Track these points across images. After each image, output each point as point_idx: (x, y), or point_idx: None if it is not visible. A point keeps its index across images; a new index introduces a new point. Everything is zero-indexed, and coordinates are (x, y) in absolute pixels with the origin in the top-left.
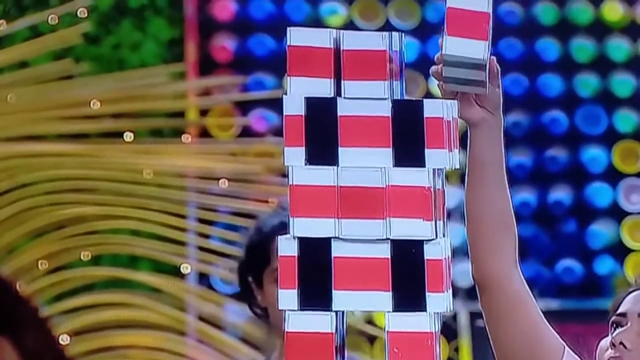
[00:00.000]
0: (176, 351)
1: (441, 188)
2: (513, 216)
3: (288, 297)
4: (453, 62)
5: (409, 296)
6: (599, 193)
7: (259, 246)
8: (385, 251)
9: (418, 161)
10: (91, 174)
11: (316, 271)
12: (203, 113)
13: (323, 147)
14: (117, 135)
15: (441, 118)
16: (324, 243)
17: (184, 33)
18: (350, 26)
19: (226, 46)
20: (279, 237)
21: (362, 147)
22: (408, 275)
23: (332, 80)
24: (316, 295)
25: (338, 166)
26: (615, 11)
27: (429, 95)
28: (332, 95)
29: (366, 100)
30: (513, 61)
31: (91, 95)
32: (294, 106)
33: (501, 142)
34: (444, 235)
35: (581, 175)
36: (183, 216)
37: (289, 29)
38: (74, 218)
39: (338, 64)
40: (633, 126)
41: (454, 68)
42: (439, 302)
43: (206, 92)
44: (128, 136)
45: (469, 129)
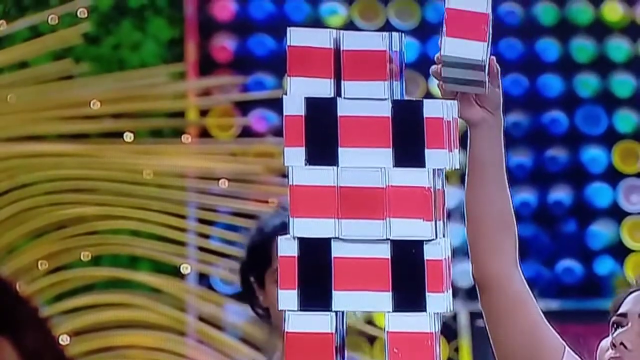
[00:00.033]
0: (176, 351)
1: (441, 188)
2: (513, 216)
3: (288, 298)
4: (452, 63)
5: (409, 296)
6: (599, 193)
7: (261, 246)
8: (385, 251)
9: (418, 161)
10: (91, 174)
11: (316, 271)
12: (203, 113)
13: (323, 148)
14: (117, 135)
15: (441, 118)
16: (324, 243)
17: (184, 33)
18: (350, 26)
19: (226, 46)
20: (279, 238)
21: (362, 148)
22: (408, 275)
23: (332, 80)
24: (316, 295)
25: (338, 166)
26: (615, 11)
27: (429, 95)
28: (332, 95)
29: (366, 100)
30: (513, 61)
31: (91, 95)
32: (294, 106)
33: (501, 142)
34: (444, 235)
35: (581, 175)
36: (183, 216)
37: (289, 29)
38: (74, 218)
39: (338, 64)
40: (633, 126)
41: (453, 69)
42: (439, 303)
43: (206, 92)
44: (128, 136)
45: (469, 129)
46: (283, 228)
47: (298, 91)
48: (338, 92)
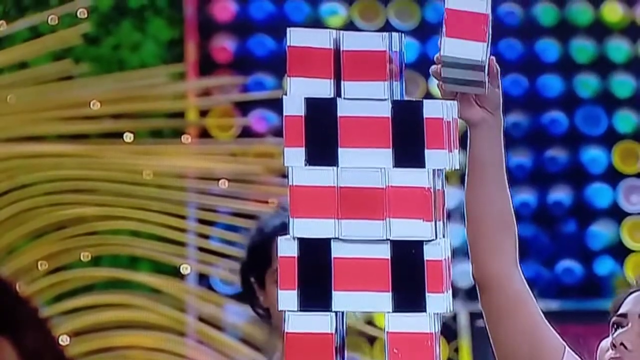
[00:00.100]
0: (176, 352)
1: (441, 188)
2: (513, 216)
3: (288, 298)
4: (452, 63)
5: (409, 297)
6: (599, 193)
7: (261, 247)
8: (385, 252)
9: (418, 162)
10: (91, 175)
11: (316, 272)
12: (203, 113)
13: (323, 148)
14: (117, 135)
15: (441, 118)
16: (324, 244)
17: (184, 33)
18: (350, 27)
19: (226, 46)
20: (279, 238)
21: (362, 148)
22: (408, 275)
23: (332, 80)
24: (316, 295)
25: (338, 167)
26: (615, 12)
27: (429, 95)
28: (332, 95)
29: (366, 100)
30: (513, 62)
31: (91, 95)
32: (294, 107)
33: (501, 142)
34: (444, 235)
35: (581, 175)
36: (183, 217)
37: (289, 30)
38: (74, 219)
39: (338, 65)
40: (633, 127)
41: (453, 69)
42: (439, 303)
43: (206, 93)
44: (128, 137)
45: (469, 129)
46: (283, 228)
47: (298, 91)
48: (338, 93)
